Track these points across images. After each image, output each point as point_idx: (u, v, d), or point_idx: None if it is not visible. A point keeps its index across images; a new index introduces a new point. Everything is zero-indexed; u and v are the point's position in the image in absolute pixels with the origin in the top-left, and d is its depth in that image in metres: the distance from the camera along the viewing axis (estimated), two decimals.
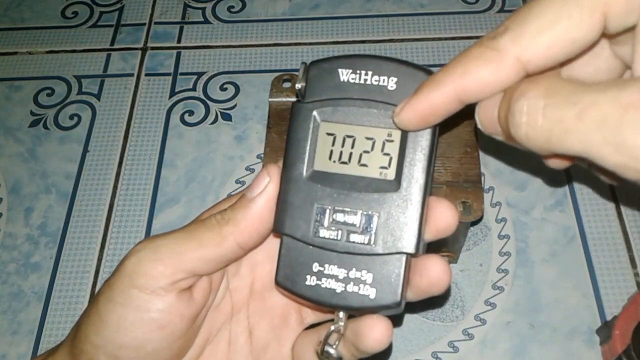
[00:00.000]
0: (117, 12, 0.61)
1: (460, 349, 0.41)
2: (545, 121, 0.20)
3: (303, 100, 0.26)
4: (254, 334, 0.29)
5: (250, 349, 0.29)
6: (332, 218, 0.25)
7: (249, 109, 0.53)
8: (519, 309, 0.42)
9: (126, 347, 0.25)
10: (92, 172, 0.51)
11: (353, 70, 0.25)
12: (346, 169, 0.25)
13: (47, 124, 0.54)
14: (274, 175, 0.26)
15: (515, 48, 0.21)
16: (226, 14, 0.60)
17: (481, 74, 0.22)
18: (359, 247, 0.25)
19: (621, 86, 0.19)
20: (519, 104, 0.21)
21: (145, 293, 0.25)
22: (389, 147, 0.25)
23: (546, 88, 0.20)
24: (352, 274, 0.25)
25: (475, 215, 0.36)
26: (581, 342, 0.41)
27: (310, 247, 0.25)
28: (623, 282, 0.43)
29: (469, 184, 0.37)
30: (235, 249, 0.26)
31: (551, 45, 0.21)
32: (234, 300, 0.29)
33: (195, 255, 0.25)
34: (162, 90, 0.55)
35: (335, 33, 0.57)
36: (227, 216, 0.26)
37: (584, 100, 0.19)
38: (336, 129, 0.26)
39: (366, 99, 0.25)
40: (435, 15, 0.58)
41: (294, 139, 0.26)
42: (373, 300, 0.24)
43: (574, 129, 0.19)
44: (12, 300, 0.45)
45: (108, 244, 0.47)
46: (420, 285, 0.25)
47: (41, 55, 0.58)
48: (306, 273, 0.25)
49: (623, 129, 0.18)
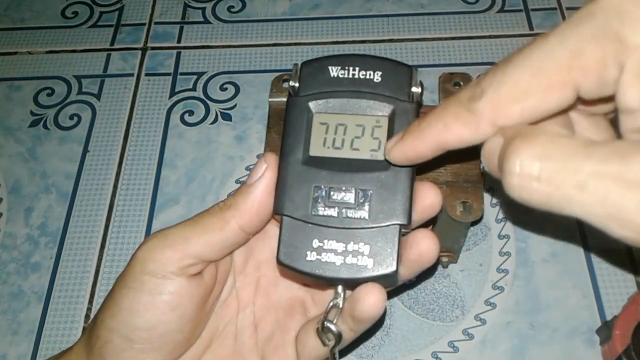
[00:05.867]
0: (117, 12, 0.61)
1: (460, 349, 0.41)
2: (541, 186, 0.20)
3: (297, 95, 0.28)
4: (259, 327, 0.30)
5: (256, 341, 0.30)
6: (328, 197, 0.26)
7: (249, 109, 0.53)
8: (519, 309, 0.42)
9: (139, 329, 0.26)
10: (92, 172, 0.51)
11: (342, 67, 0.27)
12: (339, 153, 0.27)
13: (47, 124, 0.54)
14: (271, 162, 0.27)
15: (491, 114, 0.22)
16: (226, 14, 0.60)
17: (459, 132, 0.23)
18: (355, 222, 0.26)
19: (625, 159, 0.18)
20: (511, 164, 0.20)
21: (157, 277, 0.26)
22: (378, 131, 0.27)
23: (542, 147, 0.20)
24: (350, 247, 0.26)
25: (475, 215, 0.36)
26: (581, 342, 0.41)
27: (309, 225, 0.27)
28: (623, 282, 0.43)
29: (469, 184, 0.37)
30: (238, 232, 0.27)
31: (525, 113, 0.21)
32: (240, 297, 0.30)
33: (201, 240, 0.27)
34: (162, 90, 0.55)
35: (335, 33, 0.57)
36: (229, 202, 0.27)
37: (585, 170, 0.19)
38: (329, 118, 0.28)
39: (355, 91, 0.27)
40: (435, 15, 0.58)
41: (290, 129, 0.27)
42: (371, 270, 0.26)
43: (575, 199, 0.19)
44: (12, 300, 0.45)
45: (108, 244, 0.47)
46: (411, 256, 0.26)
47: (41, 55, 0.58)
48: (306, 249, 0.26)
49: (628, 208, 0.18)
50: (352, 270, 0.26)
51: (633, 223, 0.18)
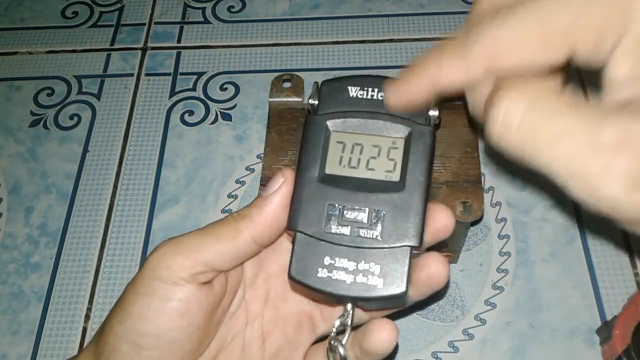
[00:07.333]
0: (117, 12, 0.61)
1: (460, 349, 0.41)
2: (518, 133, 0.20)
3: (316, 113, 0.28)
4: (267, 341, 0.30)
5: (263, 355, 0.30)
6: (342, 215, 0.27)
7: (249, 109, 0.53)
8: (519, 309, 0.42)
9: (148, 335, 0.26)
10: (92, 172, 0.51)
11: (361, 88, 0.28)
12: (355, 172, 0.28)
13: (47, 124, 0.54)
14: (288, 176, 0.27)
15: (485, 58, 0.22)
16: (226, 14, 0.60)
17: (452, 73, 0.23)
18: (367, 241, 0.27)
19: (600, 123, 0.19)
20: (496, 110, 0.21)
21: (167, 284, 0.26)
22: (394, 153, 0.28)
23: (528, 98, 0.20)
24: (361, 266, 0.26)
25: (475, 215, 0.36)
26: (581, 342, 0.41)
27: (322, 242, 0.27)
28: (623, 282, 0.43)
29: (469, 184, 0.37)
30: (250, 243, 0.27)
31: (519, 63, 0.21)
32: (249, 310, 0.30)
33: (213, 248, 0.27)
34: (162, 90, 0.55)
35: (335, 33, 0.57)
36: (243, 212, 0.27)
37: (560, 126, 0.19)
38: (346, 137, 0.28)
39: (373, 112, 0.28)
40: (435, 15, 0.58)
41: (307, 147, 0.28)
42: (381, 290, 0.26)
43: (545, 152, 0.19)
44: (12, 300, 0.45)
45: (108, 244, 0.47)
46: (421, 278, 0.27)
47: (41, 55, 0.58)
48: (318, 266, 0.27)
49: (591, 171, 0.18)
50: (362, 289, 0.26)
51: (592, 187, 0.19)
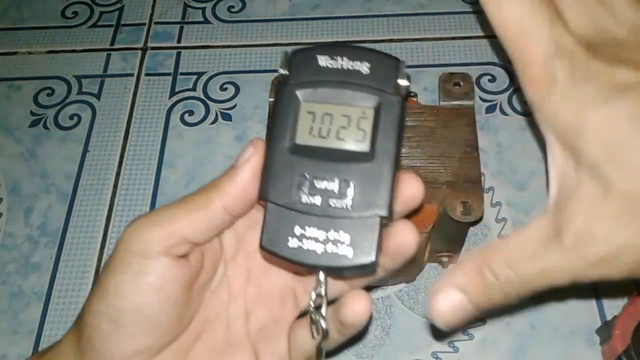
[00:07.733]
0: (117, 12, 0.61)
1: (460, 349, 0.41)
2: None
3: (286, 83, 0.28)
4: (252, 317, 0.30)
5: (247, 331, 0.30)
6: (312, 185, 0.27)
7: (249, 109, 0.53)
8: (519, 308, 0.42)
9: (125, 311, 0.26)
10: (92, 172, 0.51)
11: (331, 57, 0.28)
12: (325, 142, 0.28)
13: (47, 124, 0.54)
14: (258, 147, 0.27)
15: None
16: (226, 14, 0.60)
17: None
18: (337, 211, 0.27)
19: None
20: None
21: (142, 258, 0.26)
22: (363, 123, 0.27)
23: None
24: (331, 235, 0.26)
25: (475, 215, 0.36)
26: (581, 342, 0.41)
27: (292, 212, 0.27)
28: (623, 282, 0.43)
29: (469, 184, 0.37)
30: (222, 213, 0.27)
31: None
32: (231, 286, 0.31)
33: (186, 219, 0.27)
34: (162, 90, 0.55)
35: (335, 33, 0.57)
36: (214, 183, 0.27)
37: None
38: (316, 108, 0.28)
39: (342, 82, 0.28)
40: (435, 15, 0.58)
41: (277, 117, 0.28)
42: (351, 259, 0.26)
43: None
44: (12, 300, 0.45)
45: (108, 244, 0.47)
46: (390, 247, 0.27)
47: (41, 55, 0.58)
48: (289, 236, 0.27)
49: None
50: (332, 258, 0.26)
51: None
